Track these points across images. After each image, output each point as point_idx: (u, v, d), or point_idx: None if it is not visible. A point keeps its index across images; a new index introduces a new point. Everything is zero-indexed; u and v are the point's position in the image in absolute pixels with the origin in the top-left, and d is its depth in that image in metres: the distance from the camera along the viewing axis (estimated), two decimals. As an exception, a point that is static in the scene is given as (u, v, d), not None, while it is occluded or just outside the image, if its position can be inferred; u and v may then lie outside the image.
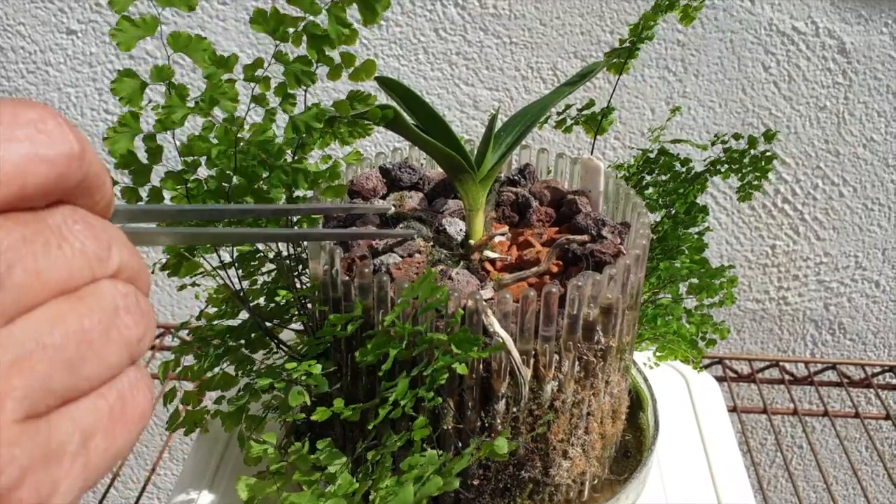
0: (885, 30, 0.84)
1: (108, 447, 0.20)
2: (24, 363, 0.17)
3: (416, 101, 0.43)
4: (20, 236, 0.18)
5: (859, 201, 0.92)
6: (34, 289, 0.18)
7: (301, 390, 0.44)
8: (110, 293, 0.20)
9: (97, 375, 0.19)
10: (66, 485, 0.19)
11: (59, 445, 0.18)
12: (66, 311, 0.18)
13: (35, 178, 0.18)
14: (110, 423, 0.20)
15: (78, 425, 0.19)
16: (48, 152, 0.18)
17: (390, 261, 0.46)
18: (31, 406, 0.18)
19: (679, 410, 0.63)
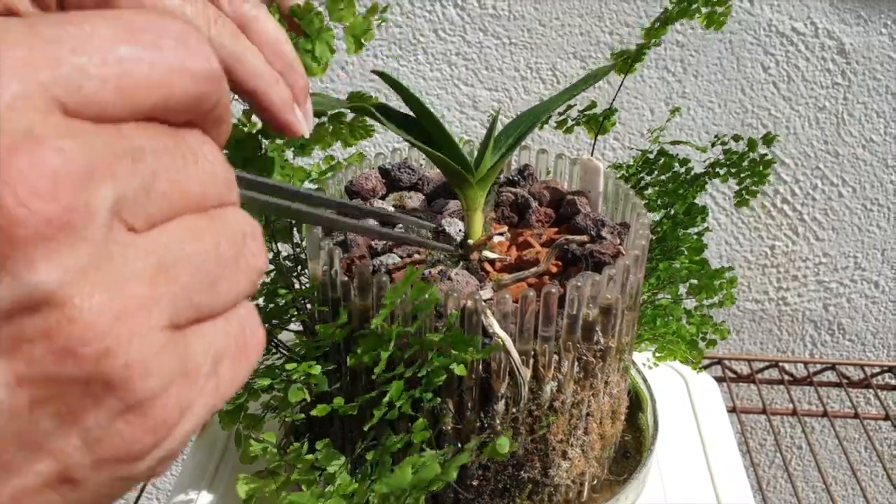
0: (884, 30, 0.84)
1: (233, 375, 0.20)
2: (169, 271, 0.17)
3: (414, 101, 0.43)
4: (163, 145, 0.18)
5: (858, 202, 0.93)
6: (174, 199, 0.18)
7: (301, 387, 0.44)
8: (238, 219, 0.20)
9: (228, 297, 0.19)
10: (198, 405, 0.18)
11: (195, 364, 0.18)
12: (202, 228, 0.18)
13: (180, 90, 0.18)
14: (236, 349, 0.20)
15: (210, 346, 0.19)
16: (193, 66, 0.18)
17: (389, 261, 0.46)
18: (173, 315, 0.17)
19: (678, 411, 0.63)
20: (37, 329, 0.15)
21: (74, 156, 0.15)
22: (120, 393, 0.16)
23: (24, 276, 0.15)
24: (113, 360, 0.16)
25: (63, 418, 0.16)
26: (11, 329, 0.15)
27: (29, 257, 0.15)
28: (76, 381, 0.16)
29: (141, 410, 0.17)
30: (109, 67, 0.16)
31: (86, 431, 0.16)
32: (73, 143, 0.15)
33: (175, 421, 0.18)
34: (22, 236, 0.15)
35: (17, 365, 0.16)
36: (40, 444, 0.16)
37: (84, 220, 0.15)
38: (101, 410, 0.16)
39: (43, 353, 0.16)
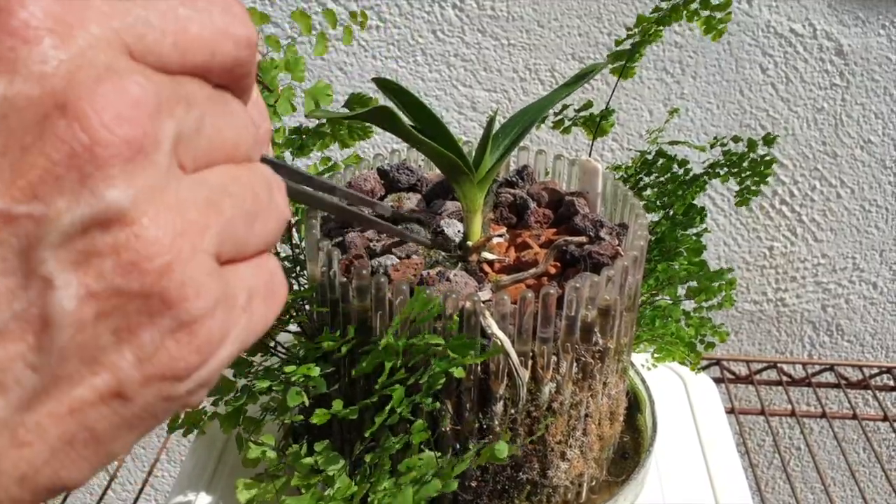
0: (882, 32, 0.84)
1: (263, 313, 0.21)
2: (216, 204, 0.19)
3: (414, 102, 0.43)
4: (207, 97, 0.19)
5: (857, 203, 0.93)
6: (216, 145, 0.19)
7: (299, 390, 0.44)
8: (267, 172, 0.21)
9: (260, 239, 0.21)
10: (234, 334, 0.20)
11: (232, 296, 0.19)
12: (240, 174, 0.20)
13: (223, 52, 0.19)
14: (267, 291, 0.21)
15: (245, 283, 0.20)
16: (236, 31, 0.20)
17: (388, 262, 0.46)
18: (219, 246, 0.19)
19: (677, 412, 0.63)
20: (107, 244, 0.17)
21: (148, 89, 0.17)
22: (174, 311, 0.18)
23: (102, 193, 0.16)
24: (171, 277, 0.17)
25: (120, 334, 0.17)
26: (85, 243, 0.16)
27: (108, 175, 0.16)
28: (138, 295, 0.17)
29: (189, 329, 0.18)
30: (169, 23, 0.18)
31: (139, 348, 0.18)
32: (145, 79, 0.17)
33: (216, 344, 0.19)
34: (104, 156, 0.16)
35: (86, 278, 0.17)
36: (98, 359, 0.17)
37: (155, 146, 0.17)
38: (155, 328, 0.18)
39: (112, 266, 0.17)
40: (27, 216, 0.16)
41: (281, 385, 0.45)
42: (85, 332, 0.17)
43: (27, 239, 0.16)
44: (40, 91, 0.16)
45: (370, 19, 0.84)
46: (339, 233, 0.49)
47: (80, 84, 0.16)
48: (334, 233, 0.49)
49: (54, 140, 0.16)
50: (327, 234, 0.49)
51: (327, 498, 0.42)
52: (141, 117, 0.17)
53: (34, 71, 0.16)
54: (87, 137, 0.16)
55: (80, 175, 0.16)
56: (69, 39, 0.16)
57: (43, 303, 0.16)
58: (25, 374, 0.17)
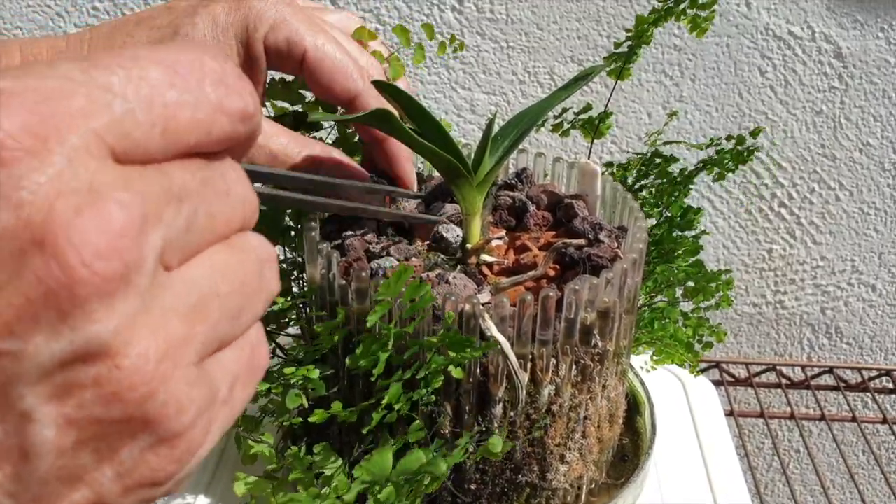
0: (880, 35, 0.84)
1: (244, 395, 0.21)
2: (203, 308, 0.18)
3: (414, 104, 0.43)
4: (202, 180, 0.19)
5: (855, 205, 0.93)
6: (207, 232, 0.19)
7: (298, 392, 0.44)
8: (258, 245, 0.21)
9: (246, 326, 0.20)
10: (216, 427, 0.20)
11: (214, 392, 0.19)
12: (229, 262, 0.19)
13: (218, 129, 0.19)
14: (247, 372, 0.21)
15: (227, 371, 0.20)
16: (231, 105, 0.19)
17: (387, 264, 0.46)
18: (203, 351, 0.19)
19: (676, 414, 0.63)
20: (88, 376, 0.16)
21: (131, 209, 0.16)
22: (155, 430, 0.18)
23: (82, 328, 0.16)
24: (153, 401, 0.17)
25: (100, 453, 0.17)
26: (65, 377, 0.16)
27: (88, 311, 0.16)
28: (118, 421, 0.17)
29: (170, 443, 0.18)
30: (156, 112, 0.17)
31: (119, 464, 0.18)
32: (128, 194, 0.16)
33: (198, 448, 0.19)
34: (84, 294, 0.16)
35: (66, 409, 0.16)
36: (79, 477, 0.17)
37: (137, 270, 0.16)
38: (135, 445, 0.18)
39: (91, 397, 0.17)
40: (4, 353, 0.16)
41: (280, 387, 0.45)
42: (64, 457, 0.17)
43: (4, 374, 0.16)
44: (16, 222, 0.15)
45: (369, 22, 0.84)
46: (338, 235, 0.49)
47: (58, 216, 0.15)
48: (333, 235, 0.49)
49: (31, 279, 0.15)
50: (326, 236, 0.49)
51: (324, 496, 0.42)
52: (123, 248, 0.16)
53: (11, 199, 0.15)
54: (65, 277, 0.15)
55: (58, 313, 0.16)
56: (46, 158, 0.15)
57: (21, 435, 0.16)
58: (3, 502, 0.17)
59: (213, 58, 0.19)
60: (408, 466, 0.40)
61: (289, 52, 0.43)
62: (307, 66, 0.43)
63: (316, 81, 0.44)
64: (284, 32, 0.42)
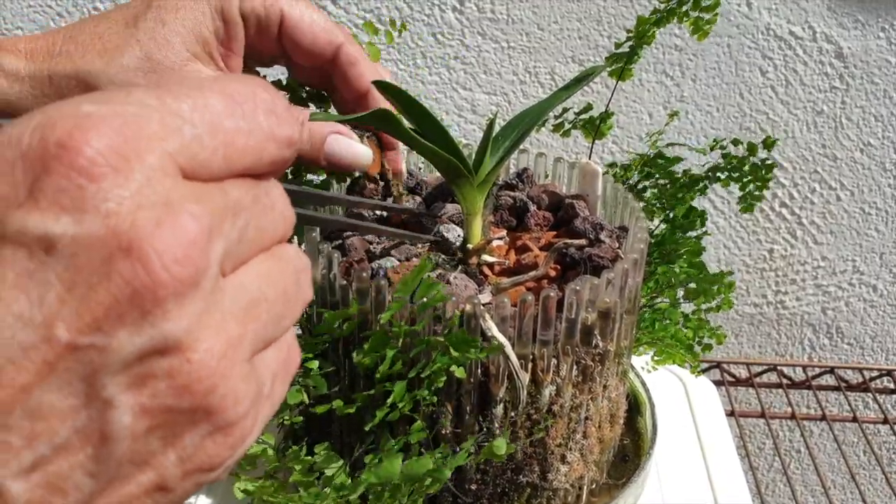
0: (881, 34, 0.84)
1: (281, 390, 0.23)
2: (253, 311, 0.20)
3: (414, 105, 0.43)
4: (252, 198, 0.21)
5: (856, 205, 0.93)
6: (255, 244, 0.21)
7: (300, 388, 0.44)
8: (294, 256, 0.23)
9: (287, 328, 0.22)
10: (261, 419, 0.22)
11: (261, 386, 0.21)
12: (272, 270, 0.22)
13: (268, 154, 0.21)
14: (284, 369, 0.23)
15: (269, 370, 0.22)
16: (280, 133, 0.21)
17: (388, 265, 0.46)
18: (254, 349, 0.21)
19: (677, 414, 0.63)
20: (163, 368, 0.18)
21: (202, 220, 0.19)
22: (214, 418, 0.20)
23: (161, 325, 0.18)
24: (216, 393, 0.19)
25: (167, 439, 0.19)
26: (142, 368, 0.18)
27: (165, 310, 0.18)
28: (186, 410, 0.19)
29: (227, 431, 0.20)
30: (218, 138, 0.20)
31: (182, 449, 0.20)
32: (198, 207, 0.19)
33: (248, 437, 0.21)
34: (163, 295, 0.18)
35: (142, 398, 0.18)
36: (146, 461, 0.19)
37: (204, 275, 0.19)
38: (196, 432, 0.20)
39: (165, 388, 0.18)
40: (91, 346, 0.18)
41: (281, 387, 0.45)
42: (137, 442, 0.19)
43: (91, 366, 0.18)
44: (105, 231, 0.17)
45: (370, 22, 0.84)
46: (339, 236, 0.49)
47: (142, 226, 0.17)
48: (334, 236, 0.49)
49: (119, 280, 0.17)
50: (327, 237, 0.49)
51: (324, 496, 0.42)
52: (195, 255, 0.18)
53: (101, 210, 0.17)
54: (149, 279, 0.17)
55: (140, 312, 0.18)
56: (129, 175, 0.18)
57: (102, 420, 0.18)
58: (84, 480, 0.18)
59: (265, 89, 0.21)
60: (414, 472, 0.40)
61: (266, 15, 0.44)
62: (286, 25, 0.44)
63: (297, 40, 0.45)
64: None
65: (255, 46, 0.45)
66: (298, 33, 0.45)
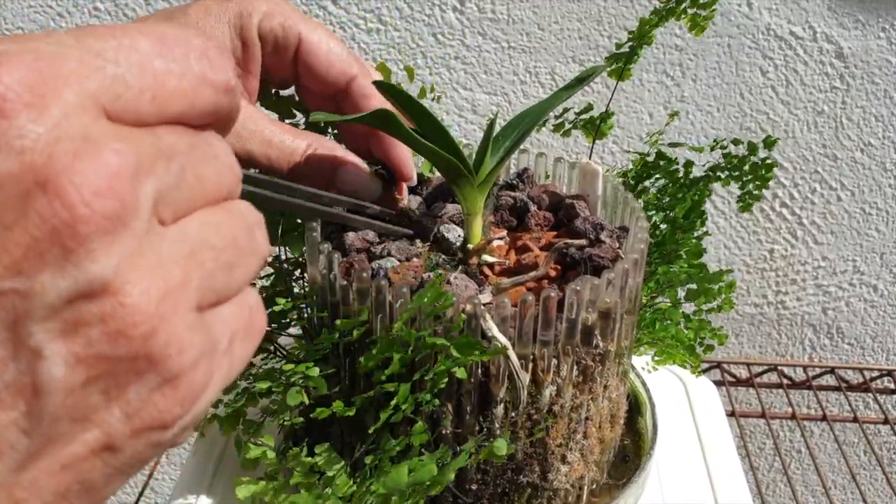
0: (882, 34, 0.84)
1: (243, 352, 0.22)
2: (197, 258, 0.19)
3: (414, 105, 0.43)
4: (189, 144, 0.20)
5: (857, 205, 0.93)
6: (197, 193, 0.20)
7: (300, 389, 0.44)
8: (247, 210, 0.22)
9: (241, 282, 0.21)
10: (217, 379, 0.20)
11: (214, 342, 0.20)
12: (220, 219, 0.21)
13: (202, 100, 0.20)
14: (245, 330, 0.22)
15: (226, 326, 0.21)
16: (214, 78, 0.20)
17: (388, 265, 0.46)
18: (201, 298, 0.20)
19: (677, 415, 0.63)
20: (94, 313, 0.17)
21: (125, 156, 0.17)
22: (159, 368, 0.18)
23: (85, 266, 0.17)
24: (156, 339, 0.18)
25: (109, 393, 0.18)
26: (72, 314, 0.17)
27: (90, 248, 0.17)
28: (124, 359, 0.18)
29: (174, 384, 0.19)
30: (146, 78, 0.18)
31: (127, 404, 0.18)
32: (122, 144, 0.18)
33: (200, 392, 0.20)
34: (85, 232, 0.17)
35: (75, 346, 0.17)
36: (89, 417, 0.18)
37: (134, 213, 0.17)
38: (141, 385, 0.18)
39: (99, 334, 0.17)
40: (13, 291, 0.17)
41: (281, 386, 0.45)
42: (74, 396, 0.18)
43: (14, 312, 0.17)
44: (20, 167, 0.16)
45: (370, 22, 0.84)
46: (339, 236, 0.49)
47: (59, 159, 0.16)
48: (334, 235, 0.49)
49: (36, 218, 0.16)
50: (327, 236, 0.49)
51: (326, 496, 0.42)
52: (119, 189, 0.17)
53: (14, 146, 0.16)
54: (68, 214, 0.16)
55: (62, 250, 0.17)
56: (45, 111, 0.17)
57: (33, 372, 0.17)
58: (19, 438, 0.17)
59: (196, 35, 0.20)
60: (419, 478, 0.40)
61: (284, 37, 0.43)
62: (303, 50, 0.44)
63: (312, 66, 0.44)
64: (279, 19, 0.43)
65: (268, 67, 0.45)
66: (314, 59, 0.44)
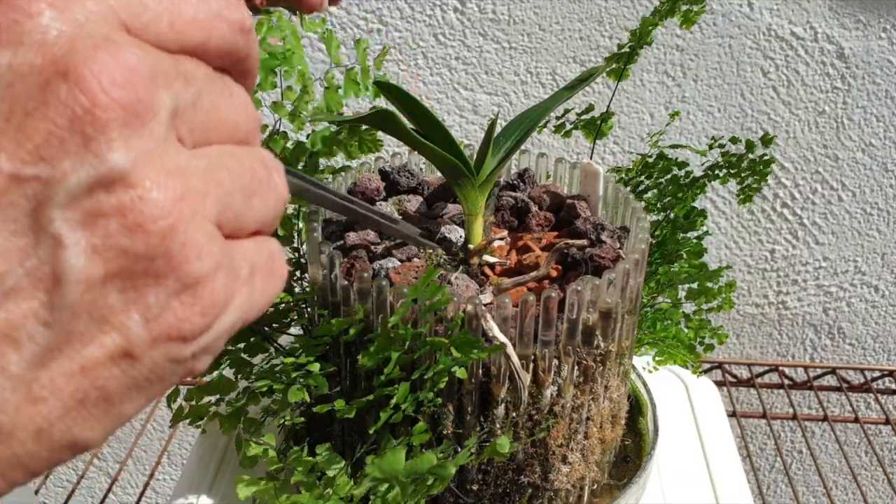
0: (883, 35, 0.84)
1: (264, 288, 0.22)
2: (215, 175, 0.19)
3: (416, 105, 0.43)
4: (206, 74, 0.20)
5: (858, 206, 0.93)
6: (214, 121, 0.20)
7: (300, 387, 0.44)
8: (266, 155, 0.22)
9: (261, 214, 0.21)
10: (237, 302, 0.20)
11: (235, 266, 0.20)
12: (238, 152, 0.21)
13: (218, 35, 0.20)
14: (267, 269, 0.22)
15: (247, 258, 0.21)
16: (230, 15, 0.20)
17: (389, 265, 0.46)
18: (219, 214, 0.19)
19: (678, 415, 0.63)
20: (112, 205, 0.17)
21: (144, 58, 0.18)
22: (177, 271, 0.18)
23: (105, 154, 0.17)
24: (174, 238, 0.18)
25: (127, 294, 0.18)
26: (91, 203, 0.17)
27: (109, 138, 0.17)
28: (143, 256, 0.18)
29: (193, 291, 0.19)
30: (164, 4, 0.19)
31: (146, 308, 0.18)
32: (141, 50, 0.18)
33: (220, 307, 0.19)
34: (104, 119, 0.17)
35: (94, 237, 0.17)
36: (107, 318, 0.18)
37: (151, 113, 0.18)
38: (160, 288, 0.18)
39: (117, 226, 0.17)
40: (35, 178, 0.17)
41: (282, 385, 0.45)
42: (94, 291, 0.18)
43: (36, 199, 0.17)
44: (42, 59, 0.17)
45: (371, 22, 0.84)
46: (341, 236, 0.49)
47: (79, 51, 0.17)
48: (335, 236, 0.49)
49: (57, 104, 0.17)
50: (328, 236, 0.49)
51: (327, 496, 0.42)
52: (137, 84, 0.17)
53: (36, 40, 0.17)
54: (87, 100, 0.17)
55: (82, 137, 0.17)
56: (67, 12, 0.17)
57: (53, 260, 0.17)
58: (39, 330, 0.17)
59: None
60: (418, 467, 0.40)
61: None
62: None
63: None
64: None
65: None
66: None
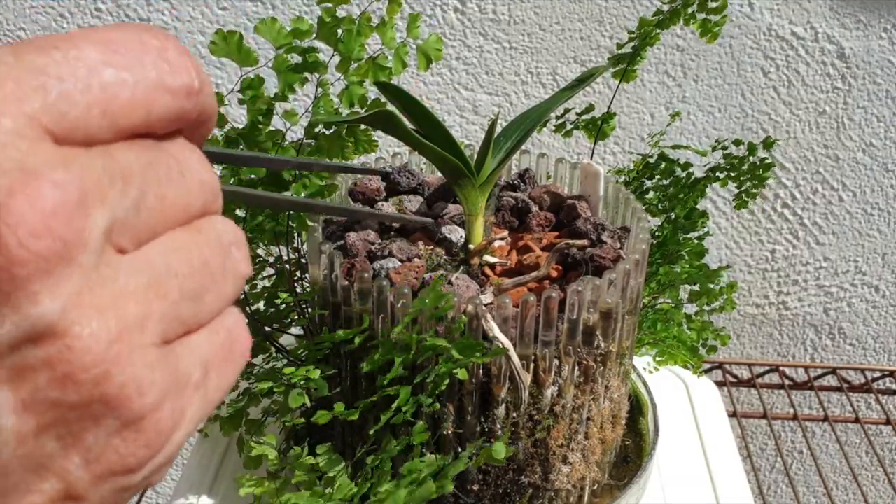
0: (883, 35, 0.84)
1: (220, 382, 0.20)
2: (160, 288, 0.18)
3: (416, 105, 0.43)
4: (149, 161, 0.18)
5: (859, 206, 0.93)
6: (161, 215, 0.18)
7: (301, 392, 0.44)
8: (223, 228, 0.20)
9: (215, 308, 0.20)
10: (190, 414, 0.19)
11: (185, 375, 0.19)
12: (189, 243, 0.19)
13: (161, 107, 0.18)
14: (222, 357, 0.20)
15: (198, 357, 0.19)
16: (172, 83, 0.18)
17: (389, 265, 0.46)
18: (164, 331, 0.18)
19: (679, 415, 0.63)
20: (39, 358, 0.16)
21: (68, 187, 0.16)
22: (117, 412, 0.17)
23: (27, 310, 0.16)
24: (110, 382, 0.17)
25: (65, 440, 0.17)
26: (15, 359, 0.16)
27: (31, 292, 0.16)
28: (77, 404, 0.17)
29: (136, 426, 0.18)
30: (94, 93, 0.17)
31: (86, 450, 0.17)
32: (65, 173, 0.16)
33: (168, 432, 0.18)
34: (23, 275, 0.15)
35: (22, 393, 0.16)
36: (45, 465, 0.17)
37: (78, 248, 0.16)
38: (100, 429, 0.17)
39: (46, 380, 0.16)
40: None
41: (282, 387, 0.45)
42: (27, 445, 0.17)
43: None
44: None
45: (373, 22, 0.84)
46: (341, 236, 0.49)
47: None
48: (336, 236, 0.49)
49: None
50: (329, 237, 0.49)
51: (327, 496, 0.42)
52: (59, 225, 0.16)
53: None
54: (3, 258, 0.15)
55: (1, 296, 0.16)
56: None
57: None
58: None
59: (153, 35, 0.18)
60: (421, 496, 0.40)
61: None
62: None
63: None
64: None
65: None
66: None
